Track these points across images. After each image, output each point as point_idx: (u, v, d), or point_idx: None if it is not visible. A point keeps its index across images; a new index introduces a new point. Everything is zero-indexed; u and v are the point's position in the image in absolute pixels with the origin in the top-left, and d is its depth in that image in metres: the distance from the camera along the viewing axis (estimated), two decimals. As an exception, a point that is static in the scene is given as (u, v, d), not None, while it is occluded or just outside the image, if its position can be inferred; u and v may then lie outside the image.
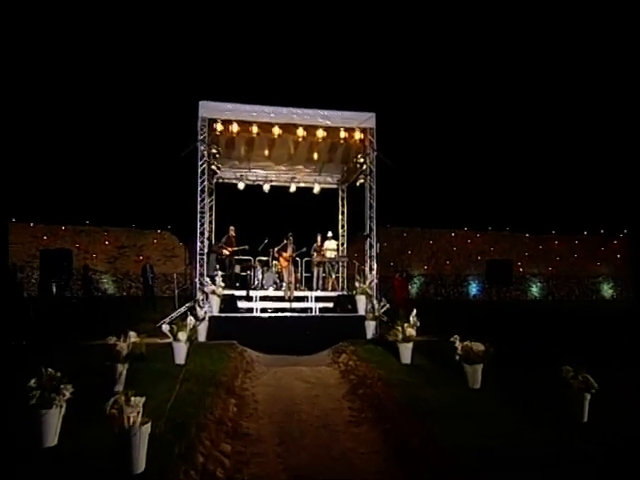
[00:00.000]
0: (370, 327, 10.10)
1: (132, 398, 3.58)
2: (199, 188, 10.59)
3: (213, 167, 11.48)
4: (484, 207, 27.65)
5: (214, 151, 10.86)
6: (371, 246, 11.05)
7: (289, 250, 11.49)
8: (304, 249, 11.64)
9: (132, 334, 5.88)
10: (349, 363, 8.42)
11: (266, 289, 11.71)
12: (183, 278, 19.76)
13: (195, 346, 8.05)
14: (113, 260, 21.39)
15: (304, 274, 12.79)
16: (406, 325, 7.94)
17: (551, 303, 22.66)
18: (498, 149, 29.76)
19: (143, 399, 3.54)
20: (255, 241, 12.50)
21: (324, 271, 12.53)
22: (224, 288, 9.93)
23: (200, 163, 10.69)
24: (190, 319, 7.60)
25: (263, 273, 12.21)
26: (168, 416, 4.87)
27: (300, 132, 10.91)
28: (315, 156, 13.16)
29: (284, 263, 11.38)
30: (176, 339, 7.30)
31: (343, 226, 15.00)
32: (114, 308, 14.90)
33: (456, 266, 24.52)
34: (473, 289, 24.66)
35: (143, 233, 21.93)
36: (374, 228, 11.02)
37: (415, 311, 8.05)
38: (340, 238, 14.78)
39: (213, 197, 13.51)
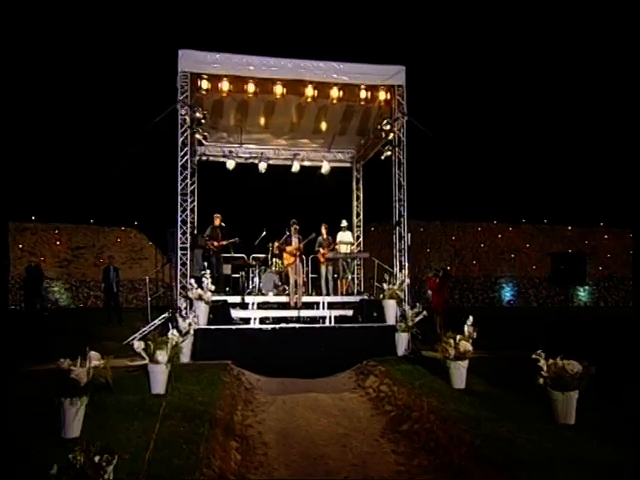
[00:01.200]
0: (402, 340, 9.52)
1: (95, 457, 2.59)
2: (179, 163, 9.85)
3: (198, 136, 10.64)
4: (515, 195, 27.05)
5: (199, 115, 9.96)
6: (401, 237, 10.30)
7: (294, 242, 10.76)
8: (314, 235, 10.99)
9: (94, 355, 4.97)
10: (381, 388, 7.77)
11: (265, 294, 11.10)
12: (155, 284, 18.88)
13: (178, 369, 7.27)
14: (66, 264, 20.44)
15: (310, 275, 12.18)
16: (459, 337, 7.25)
17: (604, 311, 21.91)
18: (534, 127, 28.98)
19: (114, 461, 2.55)
20: (249, 234, 12.03)
21: (335, 271, 11.93)
22: (213, 293, 9.09)
23: (181, 131, 9.96)
24: (173, 333, 6.73)
25: (260, 274, 11.70)
26: (147, 474, 3.95)
27: (309, 91, 10.18)
28: (323, 126, 12.49)
29: (289, 259, 10.63)
30: (153, 360, 6.51)
31: (358, 215, 14.53)
32: (68, 323, 14.21)
33: (485, 266, 23.78)
34: (507, 294, 23.99)
35: (103, 231, 21.12)
36: (405, 214, 10.31)
37: (471, 318, 7.25)
38: (355, 229, 14.21)
39: (195, 179, 12.66)
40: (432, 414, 6.06)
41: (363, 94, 10.48)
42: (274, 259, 12.05)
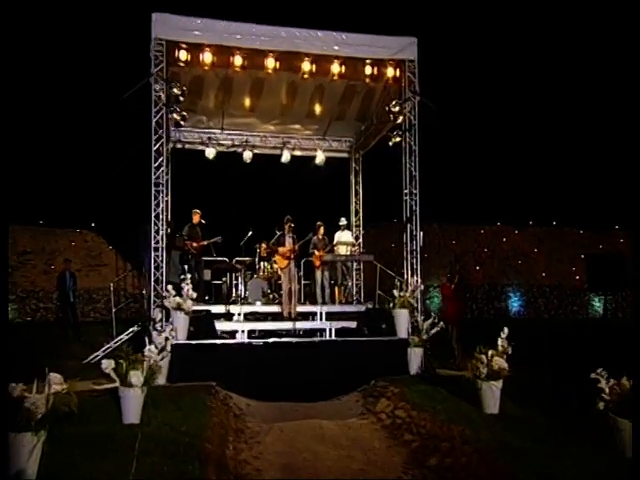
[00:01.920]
0: (415, 357, 9.21)
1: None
2: (154, 148, 9.43)
3: (175, 116, 10.23)
4: (520, 195, 26.95)
5: (176, 91, 9.52)
6: (413, 236, 10.01)
7: (288, 243, 10.46)
8: (311, 235, 10.81)
9: (54, 378, 4.40)
10: (397, 414, 7.36)
11: (252, 303, 10.79)
12: (116, 294, 18.21)
13: (154, 393, 6.72)
14: (10, 271, 19.46)
15: (302, 281, 11.81)
16: (491, 353, 6.87)
17: (622, 322, 21.82)
18: (543, 120, 28.80)
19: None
20: (232, 234, 11.74)
21: (332, 276, 11.68)
22: (193, 301, 8.77)
23: (154, 110, 9.53)
24: (150, 349, 6.23)
25: (246, 280, 11.39)
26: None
27: (305, 66, 9.89)
28: (319, 109, 12.27)
29: (282, 262, 10.30)
30: (126, 383, 6.01)
31: (357, 212, 14.24)
32: (15, 339, 13.46)
33: (489, 273, 23.66)
34: (514, 304, 23.82)
35: (55, 233, 20.38)
36: (417, 209, 10.01)
37: (506, 330, 6.97)
38: (353, 230, 13.90)
39: (169, 170, 12.05)
40: (467, 445, 5.65)
41: (368, 70, 10.24)
42: (262, 263, 11.80)
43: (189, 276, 8.86)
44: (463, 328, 11.00)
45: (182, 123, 10.78)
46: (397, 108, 10.39)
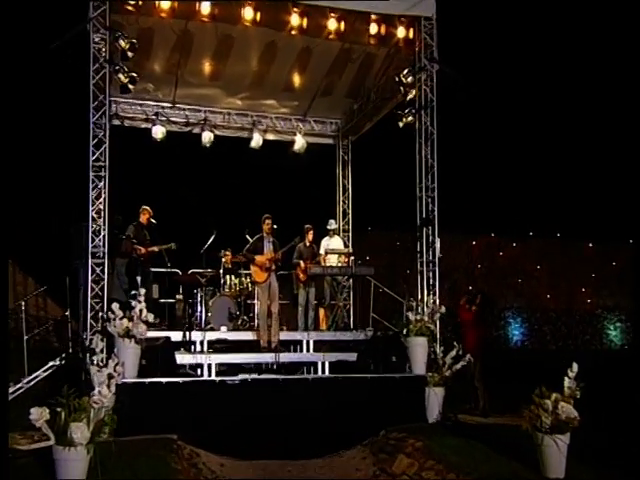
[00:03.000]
0: (435, 398, 8.79)
1: None
2: (92, 120, 8.93)
3: (121, 77, 9.58)
4: (520, 202, 26.98)
5: (123, 44, 8.91)
6: (429, 245, 9.79)
7: (268, 249, 10.03)
8: (297, 240, 10.62)
9: None
10: (425, 476, 6.88)
11: (215, 329, 10.31)
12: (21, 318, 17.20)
13: (99, 451, 5.96)
14: None
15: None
16: (555, 397, 6.36)
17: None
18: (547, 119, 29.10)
19: None
20: (188, 238, 11.45)
21: (320, 295, 11.39)
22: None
23: (93, 69, 8.99)
24: (100, 392, 5.49)
25: (207, 299, 10.99)
26: None
27: (294, 20, 9.68)
28: (299, 81, 12.14)
29: (260, 275, 9.87)
30: (65, 440, 5.33)
31: (345, 213, 13.98)
32: None
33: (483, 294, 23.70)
34: (515, 332, 23.82)
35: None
36: (435, 209, 9.77)
37: (576, 366, 6.59)
38: (341, 234, 13.75)
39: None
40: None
41: (373, 29, 10.10)
42: (227, 276, 11.41)
43: (142, 292, 8.19)
44: (486, 363, 10.61)
45: (130, 87, 10.09)
46: (410, 79, 10.05)
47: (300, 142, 13.36)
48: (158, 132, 12.59)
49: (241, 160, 13.72)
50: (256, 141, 13.28)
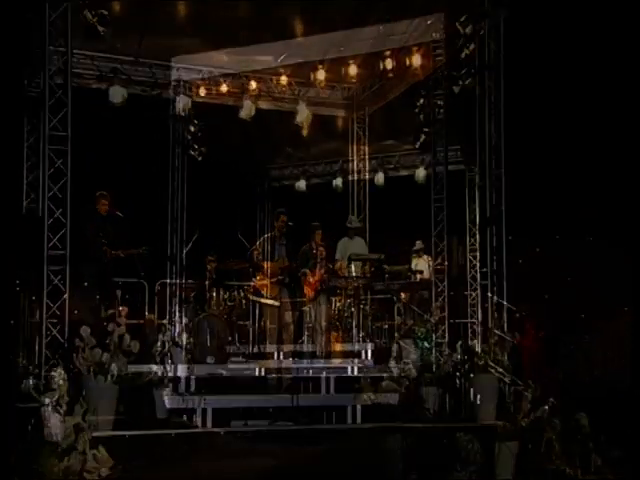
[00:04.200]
0: (507, 458, 7.48)
1: None
2: (47, 75, 7.62)
3: (87, 15, 8.28)
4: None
5: None
6: (494, 249, 8.41)
7: (279, 255, 9.89)
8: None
9: None
10: None
11: (200, 360, 9.55)
12: None
13: None
14: None
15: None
16: None
17: None
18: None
19: None
20: (160, 239, 10.96)
21: (337, 313, 10.36)
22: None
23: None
24: None
25: (194, 321, 10.19)
26: None
27: None
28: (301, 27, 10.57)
29: (270, 289, 9.74)
30: None
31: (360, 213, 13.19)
32: None
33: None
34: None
35: None
36: (503, 202, 8.40)
37: None
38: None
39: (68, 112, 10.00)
40: None
41: None
42: (215, 288, 10.71)
43: (123, 310, 7.28)
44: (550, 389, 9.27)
45: (100, 30, 8.66)
46: (469, 29, 8.66)
47: (304, 112, 12.30)
48: (116, 94, 11.43)
49: (229, 134, 12.40)
50: (247, 110, 12.15)
